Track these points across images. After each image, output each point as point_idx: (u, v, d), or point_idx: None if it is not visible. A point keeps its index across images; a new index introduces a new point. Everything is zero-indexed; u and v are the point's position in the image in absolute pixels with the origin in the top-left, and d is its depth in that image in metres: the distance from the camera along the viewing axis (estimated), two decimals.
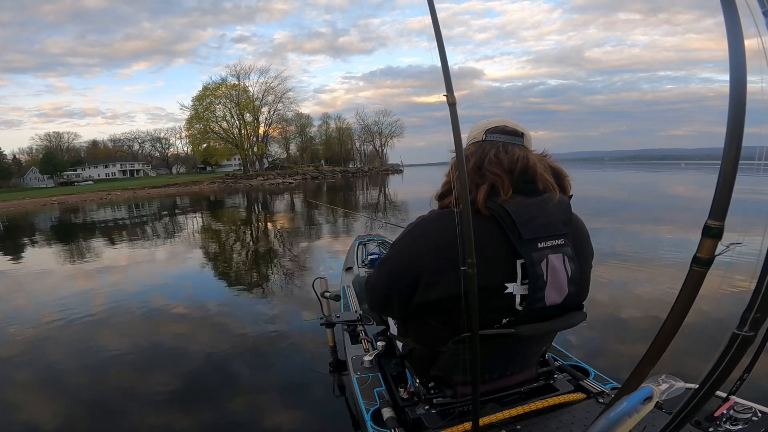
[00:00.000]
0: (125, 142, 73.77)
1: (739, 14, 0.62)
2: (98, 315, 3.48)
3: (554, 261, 0.96)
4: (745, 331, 0.63)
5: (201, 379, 2.29)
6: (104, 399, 2.13)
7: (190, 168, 69.66)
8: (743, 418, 0.94)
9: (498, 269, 0.96)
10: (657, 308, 2.92)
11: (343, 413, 1.90)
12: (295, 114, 57.32)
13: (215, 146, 51.60)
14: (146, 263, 5.80)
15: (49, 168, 57.68)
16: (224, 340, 2.80)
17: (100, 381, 2.32)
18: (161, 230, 10.00)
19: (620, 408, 0.82)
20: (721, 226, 0.66)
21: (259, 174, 46.16)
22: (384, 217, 9.34)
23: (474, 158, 1.00)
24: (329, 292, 2.12)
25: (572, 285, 1.00)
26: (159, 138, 72.96)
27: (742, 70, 0.62)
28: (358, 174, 53.57)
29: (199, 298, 3.86)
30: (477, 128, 1.10)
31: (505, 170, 0.98)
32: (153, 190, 34.28)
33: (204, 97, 48.93)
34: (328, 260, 5.19)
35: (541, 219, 0.96)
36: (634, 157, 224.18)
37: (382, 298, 1.12)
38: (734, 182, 0.64)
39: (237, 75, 50.71)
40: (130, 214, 15.19)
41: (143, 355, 2.64)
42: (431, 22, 0.82)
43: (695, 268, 0.69)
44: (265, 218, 11.87)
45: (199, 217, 13.06)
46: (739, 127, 0.63)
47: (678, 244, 5.27)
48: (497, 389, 1.21)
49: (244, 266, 5.45)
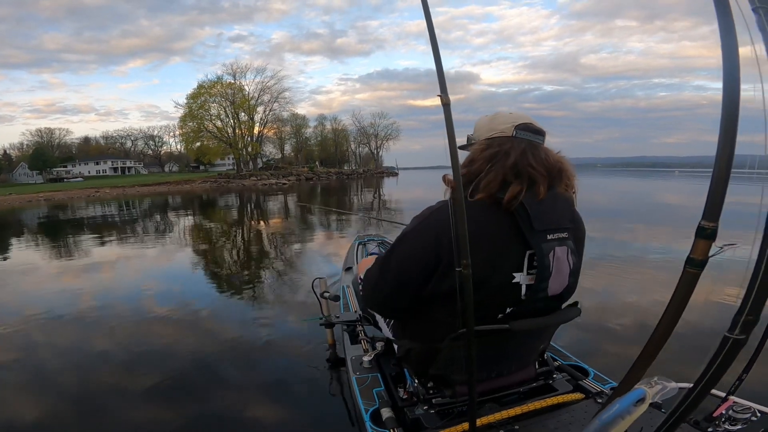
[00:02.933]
0: (118, 139, 72.97)
1: (732, 14, 0.62)
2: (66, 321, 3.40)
3: (560, 253, 1.01)
4: (736, 334, 0.63)
5: (190, 378, 2.26)
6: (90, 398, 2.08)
7: (183, 167, 69.04)
8: (742, 418, 0.94)
9: (507, 259, 1.00)
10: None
11: (342, 413, 1.88)
12: (290, 114, 57.31)
13: (209, 145, 51.19)
14: (118, 263, 5.60)
15: (38, 164, 56.86)
16: (219, 342, 2.75)
17: (85, 378, 2.26)
18: (144, 230, 9.87)
19: (613, 410, 0.82)
20: (714, 227, 0.66)
21: (252, 174, 45.85)
22: (378, 215, 9.33)
23: (514, 155, 1.01)
24: (329, 292, 2.12)
25: (572, 277, 1.05)
26: (152, 136, 72.39)
27: (735, 70, 0.62)
28: (353, 176, 53.52)
29: (183, 300, 3.80)
30: (500, 120, 1.08)
31: (545, 171, 1.01)
32: (143, 188, 33.82)
33: (199, 95, 48.56)
34: (321, 264, 5.14)
35: (551, 213, 1.00)
36: (627, 164, 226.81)
37: (389, 290, 1.10)
38: (728, 183, 0.64)
39: (233, 74, 50.50)
40: (115, 212, 14.99)
41: (132, 358, 2.59)
42: (425, 22, 0.82)
43: (689, 269, 0.70)
44: (257, 219, 11.79)
45: (187, 216, 12.94)
46: (732, 128, 0.63)
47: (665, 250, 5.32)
48: (496, 389, 1.22)
49: (233, 269, 5.39)
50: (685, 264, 0.70)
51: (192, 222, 11.18)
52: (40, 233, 10.10)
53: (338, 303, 2.26)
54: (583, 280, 1.13)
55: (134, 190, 32.23)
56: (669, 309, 0.73)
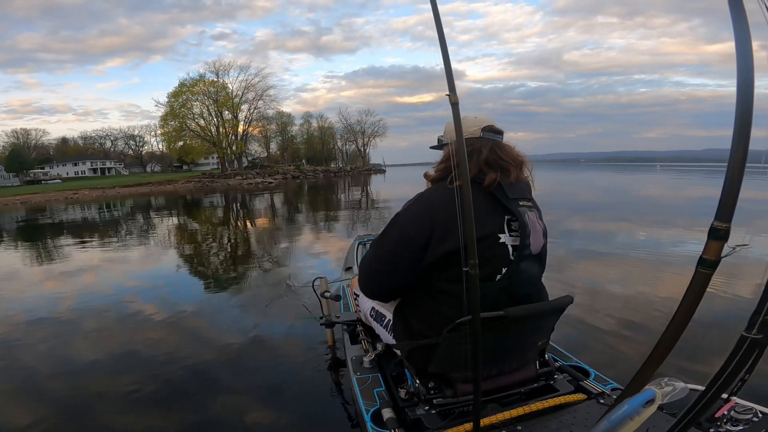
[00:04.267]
0: (97, 139, 70.64)
1: (745, 9, 0.61)
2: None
3: (531, 216, 1.22)
4: (754, 334, 0.63)
5: (183, 383, 2.21)
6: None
7: (166, 167, 67.47)
8: (744, 418, 0.95)
9: (491, 221, 1.18)
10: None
11: (342, 414, 1.87)
12: (276, 112, 56.46)
13: (191, 144, 50.15)
14: (91, 269, 5.42)
15: (14, 166, 54.86)
16: (215, 349, 2.69)
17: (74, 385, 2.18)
18: (127, 233, 9.63)
19: (622, 410, 0.81)
20: (727, 228, 0.65)
21: (237, 173, 45.18)
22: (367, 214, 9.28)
23: (485, 151, 1.23)
24: (329, 292, 2.11)
25: (545, 237, 1.26)
26: (133, 135, 70.32)
27: (750, 70, 0.62)
28: (340, 173, 53.25)
29: (168, 304, 3.72)
30: (468, 124, 1.27)
31: (513, 162, 1.25)
32: (124, 189, 32.92)
33: (180, 94, 47.49)
34: (308, 268, 5.09)
35: (517, 187, 1.24)
36: (610, 159, 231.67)
37: (388, 266, 1.21)
38: (741, 183, 0.64)
39: (216, 72, 49.51)
40: (95, 215, 14.59)
41: (119, 364, 2.51)
42: (434, 23, 0.84)
43: (701, 270, 0.69)
44: (242, 219, 11.62)
45: (171, 218, 12.67)
46: (746, 128, 0.62)
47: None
48: (497, 389, 1.23)
49: (220, 271, 5.29)
50: (698, 265, 0.69)
51: (175, 223, 10.94)
52: (19, 238, 9.76)
53: (338, 303, 2.26)
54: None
55: (114, 191, 31.41)
56: (680, 309, 0.72)
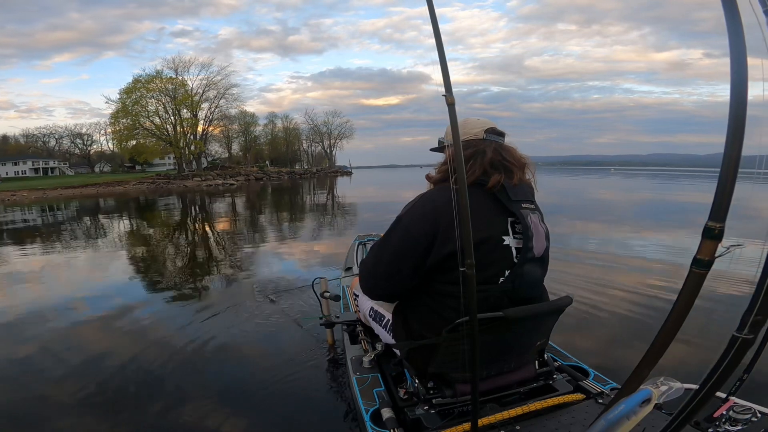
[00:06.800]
0: (40, 137, 64.93)
1: (739, 12, 0.62)
2: None
3: (533, 219, 1.21)
4: (745, 334, 0.64)
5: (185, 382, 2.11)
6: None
7: (117, 167, 63.32)
8: (743, 418, 0.96)
9: (495, 223, 1.18)
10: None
11: (342, 413, 1.83)
12: (238, 111, 54.49)
13: (145, 143, 47.41)
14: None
15: None
16: (211, 349, 2.52)
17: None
18: (68, 238, 8.94)
19: (618, 410, 0.81)
20: (721, 228, 0.66)
21: (196, 174, 43.21)
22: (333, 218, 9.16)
23: (489, 152, 1.23)
24: (329, 292, 2.11)
25: (547, 240, 1.26)
26: (80, 134, 65.28)
27: (743, 70, 0.63)
28: (306, 175, 52.39)
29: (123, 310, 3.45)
30: (471, 125, 1.30)
31: (517, 164, 1.25)
32: (67, 190, 30.42)
33: (134, 90, 44.69)
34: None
35: (520, 189, 1.24)
36: (565, 163, 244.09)
37: (391, 269, 1.20)
38: (735, 183, 0.65)
39: (175, 69, 46.99)
40: (32, 217, 13.44)
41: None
42: (431, 24, 0.83)
43: (695, 269, 0.70)
44: (200, 222, 11.12)
45: (121, 221, 11.91)
46: (740, 128, 0.64)
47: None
48: (496, 389, 1.24)
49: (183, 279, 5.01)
50: (692, 265, 0.70)
51: (125, 228, 10.29)
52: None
53: (338, 303, 2.25)
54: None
55: (56, 192, 28.95)
56: (675, 309, 0.73)
